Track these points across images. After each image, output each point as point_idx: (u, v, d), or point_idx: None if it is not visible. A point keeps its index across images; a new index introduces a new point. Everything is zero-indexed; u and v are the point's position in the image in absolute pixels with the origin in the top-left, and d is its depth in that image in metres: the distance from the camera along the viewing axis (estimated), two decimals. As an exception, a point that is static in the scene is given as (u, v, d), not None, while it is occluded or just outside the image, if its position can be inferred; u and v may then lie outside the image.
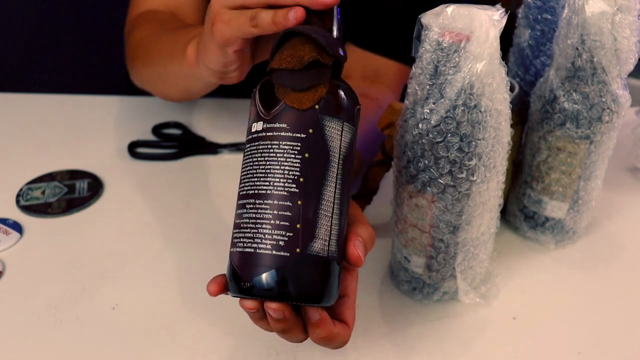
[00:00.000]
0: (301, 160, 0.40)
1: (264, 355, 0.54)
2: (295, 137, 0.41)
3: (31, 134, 0.85)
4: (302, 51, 0.42)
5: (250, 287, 0.40)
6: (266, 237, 0.40)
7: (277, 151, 0.41)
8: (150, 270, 0.63)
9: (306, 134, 0.41)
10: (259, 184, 0.41)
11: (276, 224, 0.40)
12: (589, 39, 0.53)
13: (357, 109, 0.44)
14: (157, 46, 0.72)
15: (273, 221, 0.40)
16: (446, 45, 0.45)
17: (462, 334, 0.56)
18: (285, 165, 0.40)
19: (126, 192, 0.74)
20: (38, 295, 0.60)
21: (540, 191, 0.63)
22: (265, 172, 0.41)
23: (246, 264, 0.40)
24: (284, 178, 0.40)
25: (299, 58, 0.42)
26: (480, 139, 0.47)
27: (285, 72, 0.42)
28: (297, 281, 0.40)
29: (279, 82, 0.42)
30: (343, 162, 0.42)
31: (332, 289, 0.42)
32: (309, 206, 0.40)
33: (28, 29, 1.56)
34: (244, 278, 0.40)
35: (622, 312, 0.58)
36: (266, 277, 0.40)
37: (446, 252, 0.54)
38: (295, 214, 0.40)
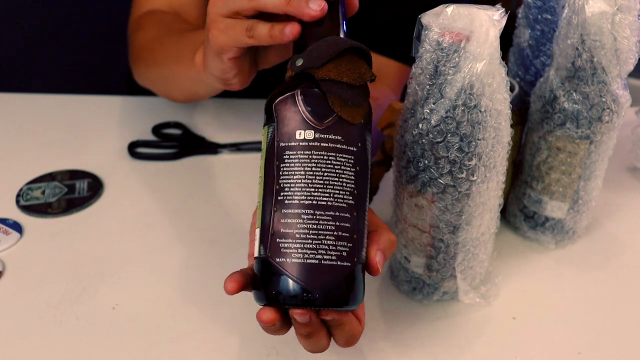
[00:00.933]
0: (355, 173, 0.42)
1: (264, 355, 0.54)
2: (349, 150, 0.41)
3: (31, 134, 0.85)
4: (361, 68, 0.43)
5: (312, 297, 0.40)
6: (331, 248, 0.41)
7: (335, 163, 0.41)
8: (150, 270, 0.63)
9: (357, 148, 0.42)
10: (318, 195, 0.41)
11: (339, 235, 0.41)
12: (589, 39, 0.53)
13: None
14: (163, 49, 0.72)
15: (337, 232, 0.41)
16: (446, 45, 0.45)
17: (462, 334, 0.56)
18: (344, 178, 0.41)
19: (126, 192, 0.74)
20: (38, 295, 0.60)
21: (540, 191, 0.63)
22: (324, 184, 0.41)
23: (307, 274, 0.40)
24: (343, 190, 0.41)
25: (359, 75, 0.43)
26: (480, 139, 0.47)
27: (345, 86, 0.42)
28: (353, 288, 0.42)
29: (336, 94, 0.42)
30: (369, 174, 0.44)
31: (363, 291, 0.44)
32: (360, 217, 0.42)
33: (28, 29, 1.56)
34: (307, 288, 0.40)
35: (622, 312, 0.58)
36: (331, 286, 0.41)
37: (446, 252, 0.54)
38: (352, 225, 0.41)
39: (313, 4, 0.43)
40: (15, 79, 1.53)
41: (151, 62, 0.75)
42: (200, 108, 0.90)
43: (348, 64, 0.43)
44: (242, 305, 0.58)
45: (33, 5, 1.53)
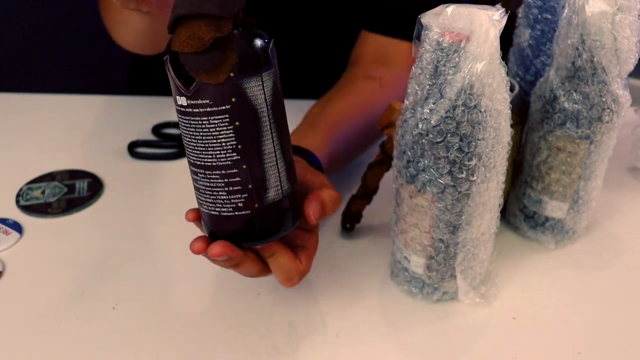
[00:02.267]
0: (234, 130, 0.42)
1: (264, 356, 0.54)
2: (221, 111, 0.42)
3: (31, 134, 0.85)
4: (200, 31, 0.41)
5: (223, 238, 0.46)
6: (225, 202, 0.45)
7: (209, 126, 0.42)
8: (150, 270, 0.63)
9: (230, 104, 0.42)
10: (203, 157, 0.44)
11: (230, 189, 0.44)
12: (589, 39, 0.53)
13: (271, 45, 0.43)
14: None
15: (227, 188, 0.44)
16: (446, 45, 0.45)
17: (462, 334, 0.56)
18: (221, 138, 0.42)
19: (126, 192, 0.74)
20: (38, 295, 0.60)
21: (540, 191, 0.63)
22: (205, 147, 0.43)
23: (215, 224, 0.46)
24: (223, 150, 0.43)
25: (199, 40, 0.40)
26: (480, 139, 0.47)
27: (191, 56, 0.41)
28: (261, 227, 0.46)
29: (187, 65, 0.41)
30: (272, 110, 0.44)
31: (290, 218, 0.48)
32: (254, 166, 0.44)
33: (28, 29, 1.56)
34: (217, 234, 0.47)
35: (622, 312, 0.58)
36: (234, 233, 0.46)
37: (446, 252, 0.54)
38: (244, 177, 0.44)
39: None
40: (15, 79, 1.53)
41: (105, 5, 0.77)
42: (200, 108, 0.90)
43: (188, 30, 0.41)
44: (242, 305, 0.58)
45: (33, 5, 1.53)
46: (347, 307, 0.58)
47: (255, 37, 0.43)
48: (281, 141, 0.45)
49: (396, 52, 0.76)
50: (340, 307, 0.58)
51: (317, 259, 0.64)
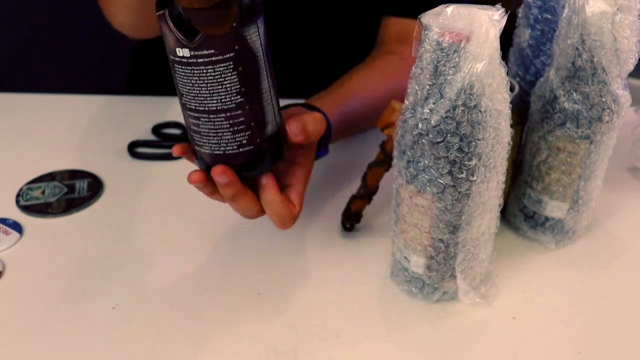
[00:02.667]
0: (238, 75, 0.46)
1: (264, 356, 0.54)
2: (226, 59, 0.45)
3: (31, 134, 0.85)
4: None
5: None
6: (230, 141, 0.48)
7: (214, 74, 0.45)
8: (150, 270, 0.63)
9: (234, 52, 0.45)
10: (208, 102, 0.47)
11: (236, 129, 0.48)
12: (589, 39, 0.53)
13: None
14: None
15: (233, 128, 0.48)
16: (446, 45, 0.45)
17: (462, 334, 0.56)
18: (226, 83, 0.46)
19: (126, 192, 0.74)
20: (38, 295, 0.60)
21: (540, 191, 0.63)
22: (210, 93, 0.46)
23: (218, 161, 0.50)
24: (228, 94, 0.46)
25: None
26: (480, 139, 0.47)
27: (199, 11, 0.43)
28: (261, 158, 0.50)
29: (195, 19, 0.43)
30: (266, 51, 0.48)
31: (282, 147, 0.53)
32: (255, 105, 0.48)
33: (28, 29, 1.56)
34: None
35: (622, 312, 0.58)
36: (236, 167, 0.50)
37: (446, 252, 0.54)
38: (247, 116, 0.48)
39: None
40: (15, 79, 1.53)
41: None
42: (200, 108, 0.90)
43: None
44: (242, 305, 0.59)
45: (33, 5, 1.53)
46: (347, 307, 0.58)
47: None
48: (272, 79, 0.49)
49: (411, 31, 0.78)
50: (340, 307, 0.58)
51: (317, 259, 0.64)
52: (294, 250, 0.65)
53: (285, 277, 0.62)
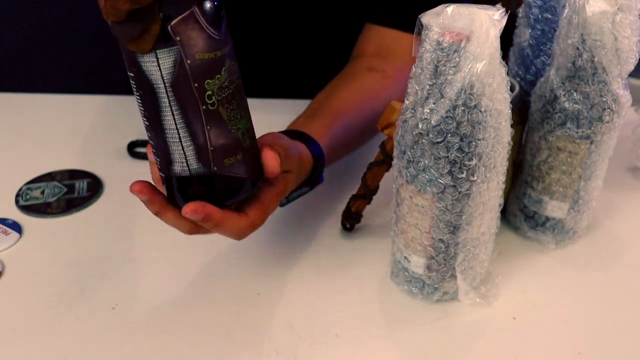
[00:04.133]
0: (140, 97, 0.45)
1: (264, 356, 0.54)
2: (131, 77, 0.45)
3: (31, 134, 0.85)
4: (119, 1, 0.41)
5: None
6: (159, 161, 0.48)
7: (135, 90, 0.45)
8: (150, 270, 0.63)
9: (133, 73, 0.44)
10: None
11: (153, 151, 0.48)
12: (590, 39, 0.53)
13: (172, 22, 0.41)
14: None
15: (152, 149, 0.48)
16: (446, 45, 0.45)
17: (462, 334, 0.56)
18: (138, 102, 0.46)
19: (126, 192, 0.73)
20: (38, 295, 0.59)
21: (541, 191, 0.62)
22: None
23: None
24: (140, 112, 0.46)
25: (117, 10, 0.41)
26: (480, 139, 0.47)
27: (113, 24, 0.42)
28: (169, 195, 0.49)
29: (113, 32, 0.43)
30: (172, 88, 0.43)
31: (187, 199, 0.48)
32: (157, 137, 0.46)
33: (28, 29, 1.56)
34: None
35: (622, 312, 0.58)
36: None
37: (446, 252, 0.54)
38: (154, 142, 0.47)
39: None
40: (15, 79, 1.53)
41: None
42: (200, 108, 0.90)
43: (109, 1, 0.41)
44: (242, 305, 0.58)
45: (33, 5, 1.53)
46: (347, 307, 0.58)
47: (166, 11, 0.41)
48: (187, 121, 0.44)
49: (398, 44, 0.76)
50: (340, 307, 0.58)
51: (317, 259, 0.64)
52: (293, 250, 0.65)
53: (285, 277, 0.62)
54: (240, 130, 0.46)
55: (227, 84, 0.44)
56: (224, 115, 0.45)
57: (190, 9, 0.41)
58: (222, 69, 0.44)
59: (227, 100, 0.45)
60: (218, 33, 0.43)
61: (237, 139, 0.46)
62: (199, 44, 0.42)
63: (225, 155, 0.46)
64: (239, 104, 0.46)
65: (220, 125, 0.45)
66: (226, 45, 0.44)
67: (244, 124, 0.47)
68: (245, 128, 0.47)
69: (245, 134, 0.47)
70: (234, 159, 0.47)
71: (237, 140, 0.46)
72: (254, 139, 0.49)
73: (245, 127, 0.47)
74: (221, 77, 0.44)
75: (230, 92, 0.45)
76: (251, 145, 0.48)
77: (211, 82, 0.43)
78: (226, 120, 0.45)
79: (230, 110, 0.45)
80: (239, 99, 0.46)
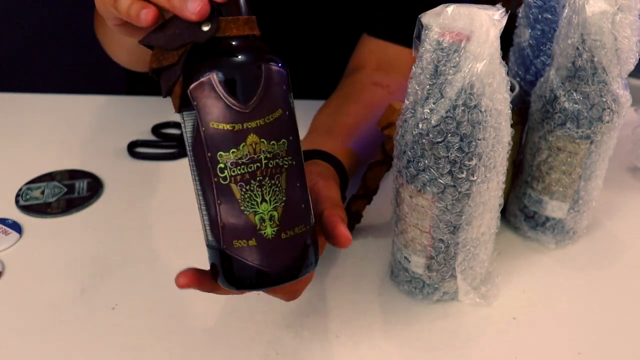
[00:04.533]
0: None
1: (264, 356, 0.54)
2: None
3: (31, 134, 0.85)
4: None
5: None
6: None
7: None
8: (150, 270, 0.63)
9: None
10: None
11: None
12: (590, 39, 0.53)
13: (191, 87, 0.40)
14: None
15: None
16: (446, 45, 0.45)
17: (462, 334, 0.56)
18: None
19: (126, 192, 0.74)
20: (38, 295, 0.59)
21: (541, 191, 0.62)
22: None
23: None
24: None
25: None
26: (480, 139, 0.47)
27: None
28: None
29: None
30: (192, 152, 0.42)
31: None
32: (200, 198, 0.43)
33: (28, 29, 1.56)
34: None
35: (622, 312, 0.58)
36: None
37: (446, 252, 0.54)
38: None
39: (191, 5, 0.39)
40: (15, 79, 1.53)
41: (98, 21, 0.77)
42: (200, 108, 0.90)
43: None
44: (242, 305, 0.58)
45: (33, 5, 1.53)
46: (347, 307, 0.58)
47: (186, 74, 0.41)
48: (203, 189, 0.42)
49: (400, 59, 0.76)
50: (340, 307, 0.58)
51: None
52: (294, 250, 0.65)
53: (285, 277, 0.62)
54: (259, 215, 0.41)
55: (246, 161, 0.40)
56: (237, 193, 0.40)
57: (208, 76, 0.39)
58: (241, 144, 0.40)
59: (243, 178, 0.40)
60: (241, 105, 0.39)
61: (250, 223, 0.41)
62: (213, 113, 0.40)
63: (235, 237, 0.41)
64: (265, 187, 0.41)
65: (232, 203, 0.41)
66: (253, 119, 0.40)
67: (268, 210, 0.41)
68: (270, 215, 0.41)
69: (268, 221, 0.41)
70: (244, 243, 0.41)
71: (250, 224, 0.41)
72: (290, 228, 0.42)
73: (270, 214, 0.41)
74: (238, 152, 0.40)
75: (249, 171, 0.40)
76: (277, 235, 0.41)
77: (224, 155, 0.40)
78: (239, 200, 0.41)
79: (245, 190, 0.40)
80: (266, 183, 0.41)
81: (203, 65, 0.40)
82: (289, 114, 0.42)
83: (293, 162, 0.42)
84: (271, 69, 0.40)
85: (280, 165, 0.41)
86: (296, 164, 0.42)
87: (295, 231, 0.42)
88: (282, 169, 0.41)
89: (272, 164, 0.41)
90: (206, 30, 0.40)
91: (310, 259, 0.44)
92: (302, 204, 0.43)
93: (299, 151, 0.43)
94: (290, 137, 0.42)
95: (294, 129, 0.42)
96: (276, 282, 0.43)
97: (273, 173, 0.41)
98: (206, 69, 0.39)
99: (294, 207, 0.42)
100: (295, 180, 0.42)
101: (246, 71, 0.40)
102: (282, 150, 0.41)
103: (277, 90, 0.41)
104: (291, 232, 0.42)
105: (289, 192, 0.42)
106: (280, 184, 0.41)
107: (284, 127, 0.41)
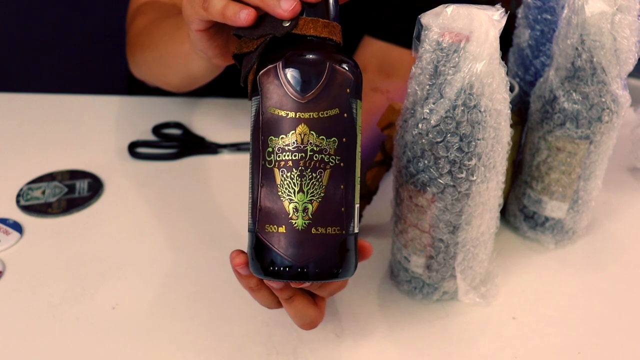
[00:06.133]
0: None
1: (264, 356, 0.54)
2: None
3: (31, 134, 0.85)
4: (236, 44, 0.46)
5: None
6: None
7: None
8: (150, 270, 0.63)
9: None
10: None
11: None
12: (589, 39, 0.53)
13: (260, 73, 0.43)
14: (160, 30, 0.72)
15: None
16: (446, 45, 0.45)
17: (462, 334, 0.56)
18: None
19: (126, 192, 0.74)
20: (38, 295, 0.60)
21: (540, 191, 0.63)
22: None
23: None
24: None
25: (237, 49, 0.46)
26: (480, 139, 0.47)
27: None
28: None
29: None
30: (252, 136, 0.45)
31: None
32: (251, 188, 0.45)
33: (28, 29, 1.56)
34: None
35: (622, 312, 0.58)
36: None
37: (446, 252, 0.54)
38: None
39: (285, 3, 0.42)
40: (15, 79, 1.53)
41: (147, 44, 0.74)
42: (200, 108, 0.90)
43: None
44: (242, 305, 0.58)
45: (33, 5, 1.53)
46: (347, 307, 0.58)
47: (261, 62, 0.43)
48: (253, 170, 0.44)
49: (401, 61, 0.76)
50: (340, 307, 0.58)
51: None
52: (294, 250, 0.65)
53: (285, 277, 0.62)
54: (293, 204, 0.41)
55: (292, 149, 0.41)
56: (277, 178, 0.42)
57: (275, 64, 0.42)
58: (291, 132, 0.41)
59: (285, 164, 0.41)
60: (298, 95, 0.41)
61: (283, 210, 0.42)
62: (273, 98, 0.42)
63: (268, 220, 0.42)
64: (305, 178, 0.41)
65: (271, 187, 0.42)
66: (306, 111, 0.41)
67: (303, 201, 0.42)
68: (304, 206, 0.42)
69: (301, 212, 0.42)
70: (275, 228, 0.42)
71: (283, 210, 0.42)
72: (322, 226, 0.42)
73: (305, 205, 0.42)
74: (286, 138, 0.41)
75: (293, 159, 0.41)
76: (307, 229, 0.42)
77: (274, 139, 0.42)
78: (278, 185, 0.42)
79: (285, 177, 0.41)
80: (307, 174, 0.41)
81: (274, 55, 0.42)
82: (347, 117, 0.42)
83: (341, 164, 0.42)
84: (336, 69, 0.42)
85: (326, 161, 0.42)
86: (344, 166, 0.42)
87: (328, 231, 0.42)
88: (327, 165, 0.42)
89: (317, 158, 0.41)
90: (285, 25, 0.42)
91: (337, 266, 0.43)
92: (343, 207, 0.43)
93: (353, 156, 0.43)
94: (344, 139, 0.42)
95: (350, 132, 0.43)
96: (297, 276, 0.42)
97: (316, 167, 0.42)
98: (276, 58, 0.42)
99: (331, 206, 0.42)
100: (340, 181, 0.42)
101: (310, 65, 0.42)
102: (331, 147, 0.42)
103: (339, 90, 0.42)
104: (322, 229, 0.42)
105: (329, 190, 0.42)
106: (321, 179, 0.42)
107: (337, 127, 0.42)
